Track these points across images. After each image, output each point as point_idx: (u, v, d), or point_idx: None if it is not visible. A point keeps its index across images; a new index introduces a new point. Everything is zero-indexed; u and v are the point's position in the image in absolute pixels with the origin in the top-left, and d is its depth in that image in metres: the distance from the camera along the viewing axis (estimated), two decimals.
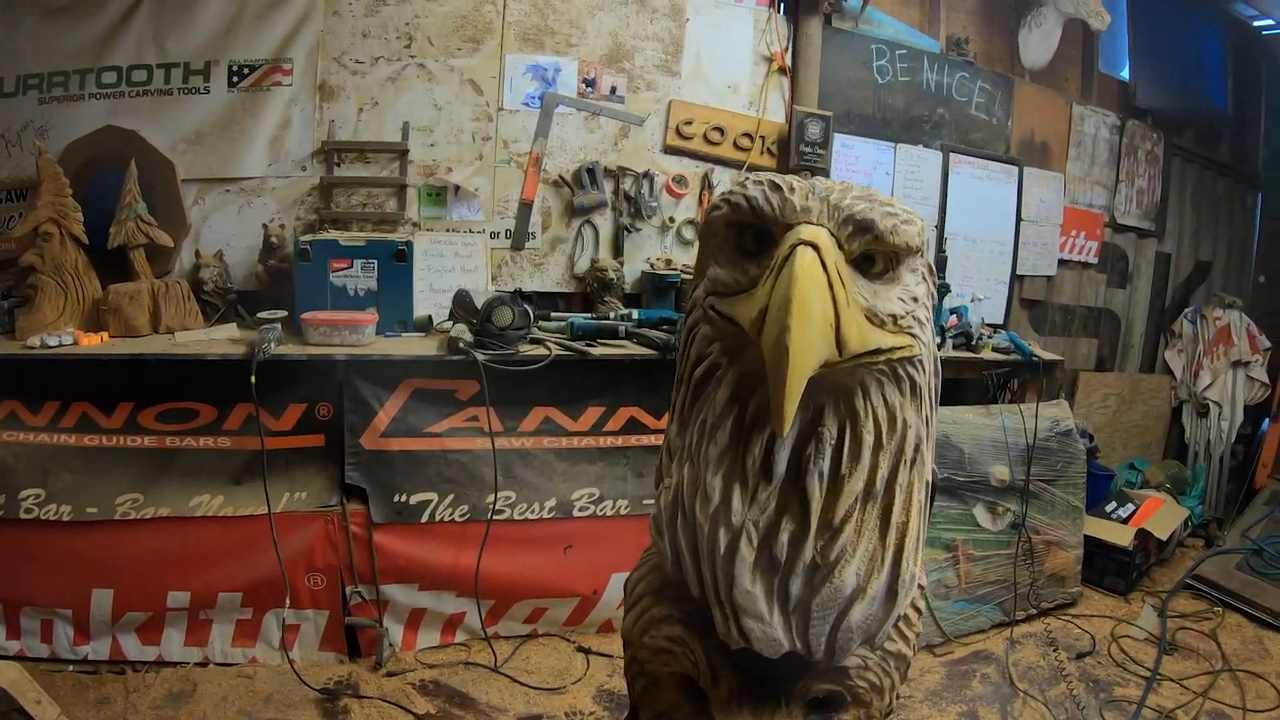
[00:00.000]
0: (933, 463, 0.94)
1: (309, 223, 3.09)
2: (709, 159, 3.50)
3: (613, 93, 3.35)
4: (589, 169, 3.30)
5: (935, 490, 0.99)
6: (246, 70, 3.01)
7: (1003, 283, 4.20)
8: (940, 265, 3.66)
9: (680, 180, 3.45)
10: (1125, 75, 4.58)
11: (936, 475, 0.98)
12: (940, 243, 3.92)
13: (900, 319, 0.82)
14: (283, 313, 2.74)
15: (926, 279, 0.88)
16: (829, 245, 0.75)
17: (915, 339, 0.83)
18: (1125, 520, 3.64)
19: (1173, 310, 4.95)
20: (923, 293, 0.86)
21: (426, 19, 3.12)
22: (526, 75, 3.24)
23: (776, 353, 0.70)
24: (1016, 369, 3.48)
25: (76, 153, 2.89)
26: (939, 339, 3.28)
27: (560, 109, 3.28)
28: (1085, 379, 4.58)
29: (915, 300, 0.84)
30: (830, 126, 3.54)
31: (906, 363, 0.83)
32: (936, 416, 0.93)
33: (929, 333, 0.87)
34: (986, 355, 3.45)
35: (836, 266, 0.75)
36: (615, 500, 2.85)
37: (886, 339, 0.80)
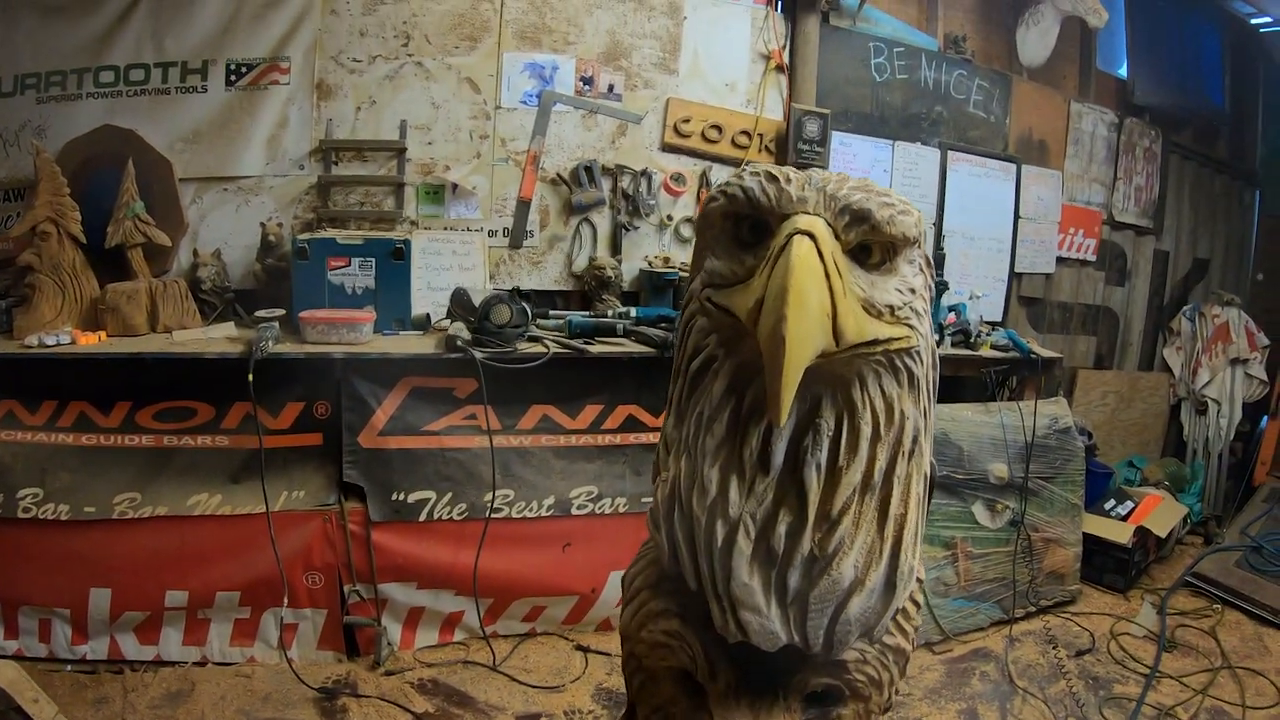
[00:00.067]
0: (931, 455, 0.94)
1: (307, 221, 3.08)
2: (707, 157, 3.50)
3: (610, 91, 3.34)
4: (587, 167, 3.29)
5: (934, 483, 0.99)
6: (244, 69, 3.01)
7: (1001, 280, 4.20)
8: (939, 263, 3.66)
9: (678, 178, 3.45)
10: (1123, 73, 4.58)
11: (935, 468, 0.98)
12: (938, 240, 3.92)
13: (897, 310, 0.81)
14: (280, 311, 2.74)
15: (924, 271, 0.88)
16: (825, 235, 0.74)
17: (913, 330, 0.83)
18: (1124, 518, 3.64)
19: (1171, 308, 4.95)
20: (920, 284, 0.86)
21: (424, 17, 3.11)
22: (524, 73, 3.23)
23: (773, 342, 0.69)
24: (1015, 366, 3.48)
25: (74, 152, 2.89)
26: (937, 336, 3.28)
27: (558, 107, 3.27)
28: (1084, 377, 4.57)
29: (913, 291, 0.84)
30: (828, 124, 3.54)
31: (904, 354, 0.83)
32: (934, 409, 0.93)
33: (926, 324, 0.87)
34: (985, 353, 3.45)
35: (833, 256, 0.74)
36: (614, 498, 2.85)
37: (884, 329, 0.80)
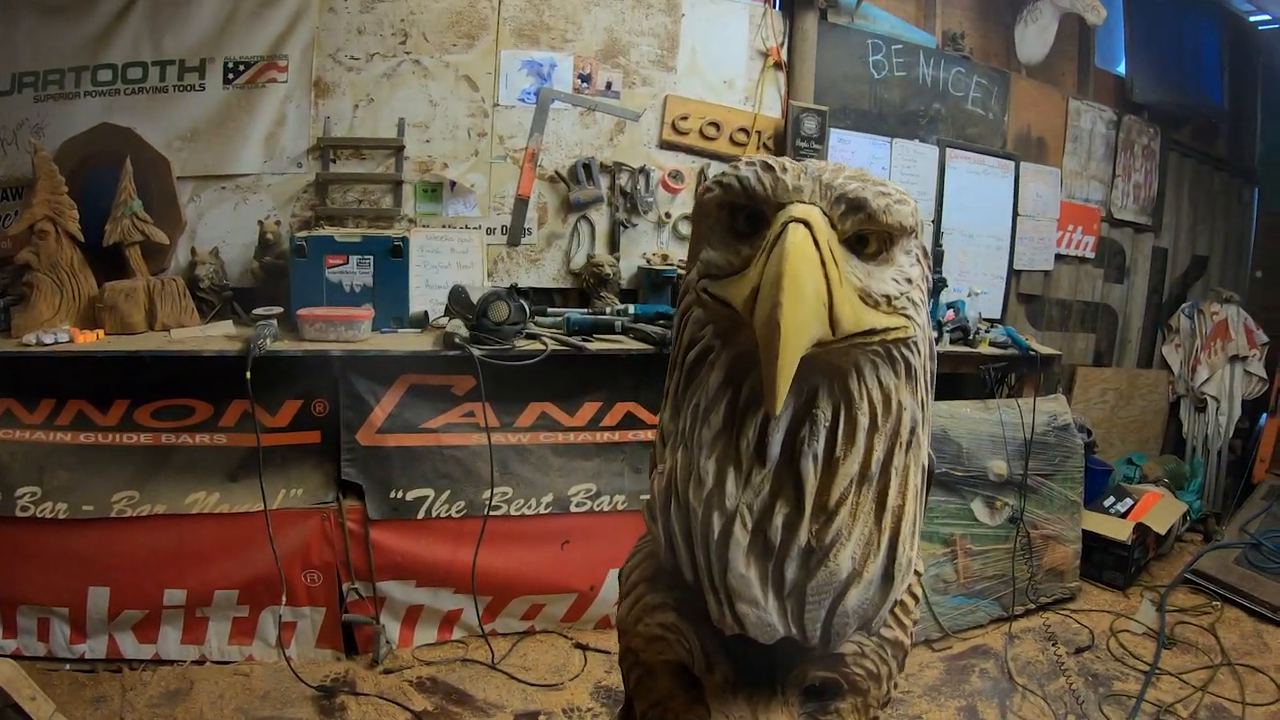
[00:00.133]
0: (929, 448, 0.93)
1: (304, 219, 3.08)
2: (705, 154, 3.49)
3: (608, 88, 3.34)
4: (585, 164, 3.29)
5: (932, 475, 0.98)
6: (242, 67, 3.00)
7: (1000, 278, 4.19)
8: (937, 260, 3.66)
9: (676, 175, 3.44)
10: (1122, 70, 4.58)
11: (933, 460, 0.97)
12: (937, 238, 3.92)
13: (894, 300, 0.80)
14: (278, 309, 2.73)
15: (921, 261, 0.87)
16: (821, 223, 0.74)
17: (910, 320, 0.82)
18: (1124, 515, 3.64)
19: (1170, 305, 4.95)
20: (917, 274, 0.85)
21: (422, 15, 3.11)
22: (522, 71, 3.23)
23: (768, 329, 0.69)
24: (1014, 363, 3.49)
25: (72, 150, 2.89)
26: (936, 333, 3.28)
27: (556, 105, 3.27)
28: (1083, 374, 4.57)
29: (910, 282, 0.83)
30: (826, 121, 3.55)
31: (901, 344, 0.82)
32: (932, 400, 0.92)
33: (924, 315, 0.86)
34: (984, 350, 3.45)
35: (829, 245, 0.74)
36: (612, 495, 2.85)
37: (881, 319, 0.79)
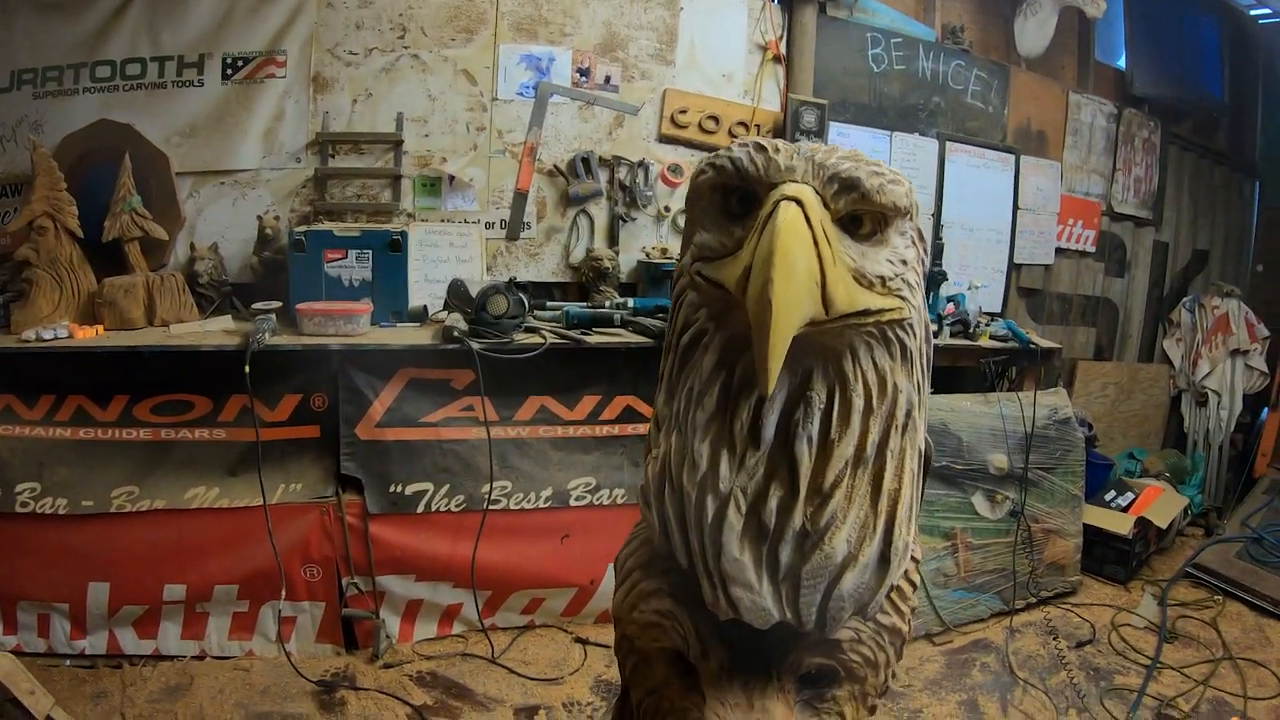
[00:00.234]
0: (925, 432, 0.93)
1: (304, 214, 3.09)
2: (704, 148, 3.48)
3: (607, 82, 3.33)
4: (584, 158, 3.28)
5: (929, 460, 0.97)
6: (240, 63, 3.01)
7: (1000, 271, 4.19)
8: (937, 253, 3.65)
9: (675, 169, 3.44)
10: (1122, 64, 4.57)
11: (930, 445, 0.97)
12: (937, 231, 3.90)
13: (889, 281, 0.80)
14: (277, 303, 2.73)
15: (916, 243, 0.86)
16: (814, 202, 0.73)
17: (905, 302, 0.81)
18: (1125, 509, 3.63)
19: (1171, 299, 4.94)
20: (912, 256, 0.84)
21: (420, 9, 3.11)
22: (520, 65, 3.22)
23: (759, 306, 0.68)
24: (1014, 357, 3.48)
25: (71, 147, 2.89)
26: (936, 326, 3.27)
27: (555, 99, 3.27)
28: (1083, 368, 4.56)
29: (904, 263, 0.82)
30: (825, 115, 3.54)
31: (896, 325, 0.81)
32: (929, 384, 0.91)
33: (919, 297, 0.85)
34: (984, 343, 3.44)
35: (822, 224, 0.73)
36: (612, 489, 2.85)
37: (875, 300, 0.78)
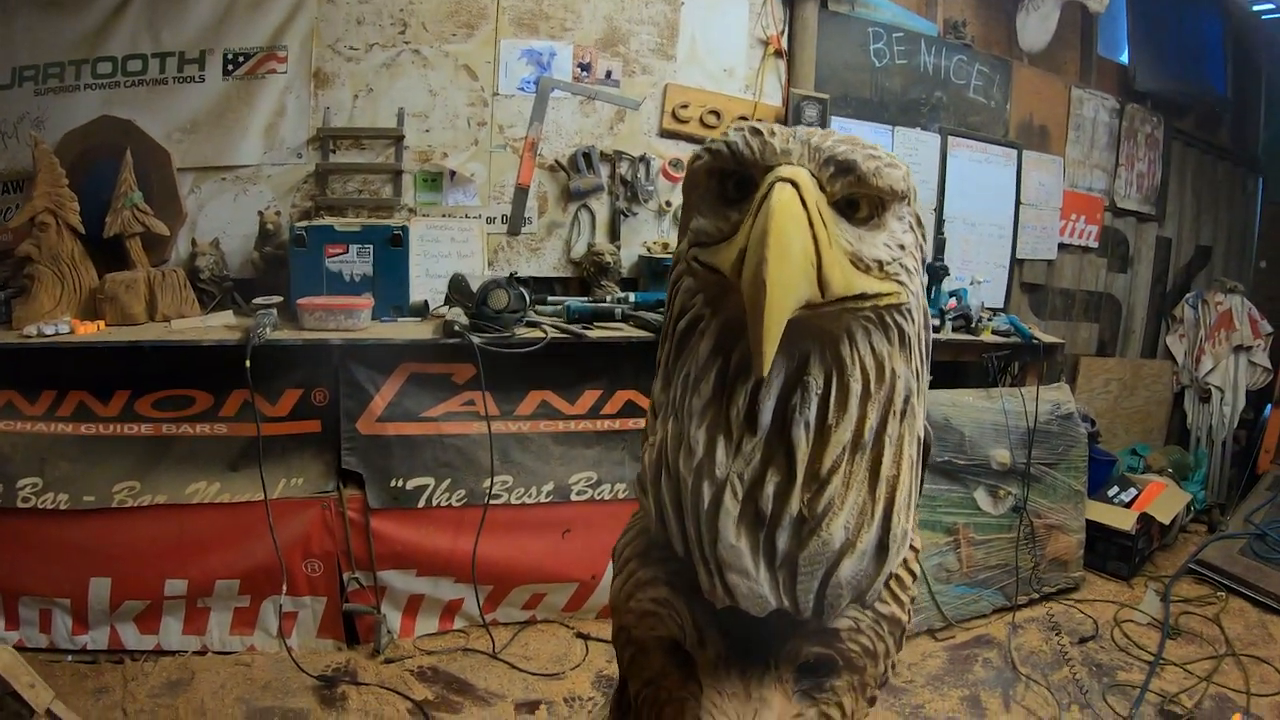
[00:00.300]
0: (925, 419, 0.92)
1: (305, 209, 3.09)
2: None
3: (608, 77, 3.33)
4: (585, 153, 3.28)
5: (928, 447, 0.97)
6: (241, 58, 3.01)
7: (1002, 266, 4.17)
8: (939, 248, 3.64)
9: (676, 164, 3.43)
10: (1124, 59, 4.55)
11: (929, 432, 0.96)
12: (939, 226, 3.89)
13: (886, 265, 0.79)
14: (278, 298, 2.73)
15: (914, 229, 0.85)
16: (809, 184, 0.73)
17: (903, 286, 0.81)
18: (1127, 505, 3.63)
19: (1174, 295, 4.92)
20: (910, 241, 0.84)
21: (421, 5, 3.11)
22: (521, 60, 3.22)
23: (754, 288, 0.68)
24: (1017, 352, 3.46)
25: (72, 143, 2.90)
26: (938, 321, 3.26)
27: (556, 93, 3.26)
28: (1086, 364, 4.55)
29: (902, 248, 0.82)
30: (827, 109, 3.53)
31: (894, 310, 0.81)
32: (928, 370, 0.91)
33: (918, 282, 0.84)
34: (986, 338, 3.43)
35: (818, 206, 0.72)
36: (613, 484, 2.84)
37: (872, 284, 0.78)
